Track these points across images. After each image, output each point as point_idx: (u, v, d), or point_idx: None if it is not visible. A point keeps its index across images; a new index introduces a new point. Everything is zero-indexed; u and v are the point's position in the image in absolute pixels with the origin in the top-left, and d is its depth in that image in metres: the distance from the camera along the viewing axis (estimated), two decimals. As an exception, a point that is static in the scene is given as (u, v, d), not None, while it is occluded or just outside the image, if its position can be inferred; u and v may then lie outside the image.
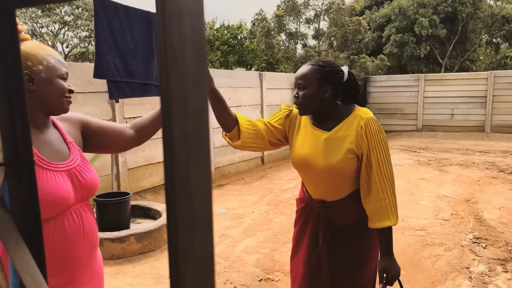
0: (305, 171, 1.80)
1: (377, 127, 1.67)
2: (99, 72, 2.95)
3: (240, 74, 7.44)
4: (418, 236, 4.32)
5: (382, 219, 1.64)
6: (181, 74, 0.33)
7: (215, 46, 24.47)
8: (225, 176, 7.08)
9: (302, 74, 1.69)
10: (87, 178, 1.36)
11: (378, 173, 1.63)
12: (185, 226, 0.34)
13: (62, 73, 1.29)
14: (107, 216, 3.83)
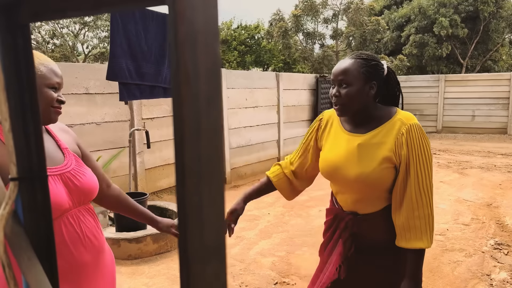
0: (334, 180, 1.64)
1: (420, 134, 1.47)
2: (112, 74, 2.98)
3: (257, 75, 7.43)
4: (438, 241, 4.24)
5: (413, 238, 1.45)
6: (194, 99, 0.31)
7: (232, 46, 24.54)
8: (241, 177, 7.08)
9: (345, 68, 1.48)
10: (83, 181, 1.36)
11: (415, 187, 1.44)
12: (196, 256, 0.32)
13: (53, 82, 1.29)
14: (124, 217, 3.86)
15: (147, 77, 3.29)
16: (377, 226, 1.57)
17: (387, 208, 1.54)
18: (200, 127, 0.32)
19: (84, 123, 4.68)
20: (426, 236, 1.44)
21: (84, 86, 4.65)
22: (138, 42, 3.14)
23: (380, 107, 1.55)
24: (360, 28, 13.53)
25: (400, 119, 1.49)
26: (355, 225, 1.58)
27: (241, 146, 7.02)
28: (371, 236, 1.58)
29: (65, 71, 4.47)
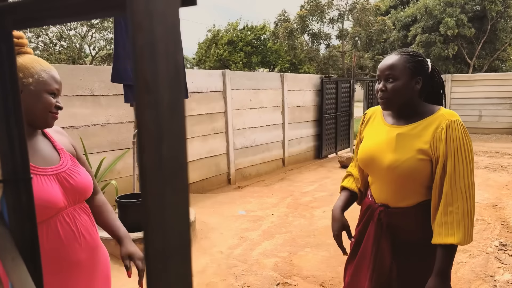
0: (369, 168, 1.66)
1: (461, 130, 1.48)
2: (117, 76, 3.01)
3: (261, 76, 7.43)
4: (441, 242, 4.22)
5: (444, 234, 1.44)
6: (155, 107, 0.33)
7: (238, 47, 24.57)
8: (245, 178, 7.10)
9: (392, 64, 1.53)
10: (78, 181, 1.41)
11: (452, 182, 1.45)
12: (158, 257, 0.34)
13: (52, 88, 1.33)
14: (128, 217, 3.89)
15: (150, 79, 3.31)
16: (409, 222, 1.57)
17: (421, 205, 1.55)
18: (162, 134, 0.34)
19: (89, 125, 4.72)
20: (459, 232, 1.42)
21: (89, 88, 4.69)
22: (141, 44, 3.16)
23: (424, 104, 1.59)
24: (366, 28, 13.48)
25: (442, 115, 1.52)
26: (386, 217, 1.60)
27: (245, 147, 7.03)
28: (404, 232, 1.58)
29: (70, 73, 4.52)
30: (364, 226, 1.72)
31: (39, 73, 1.32)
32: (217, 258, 3.81)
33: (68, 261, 1.36)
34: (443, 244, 1.44)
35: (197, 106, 6.04)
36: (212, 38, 25.59)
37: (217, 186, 6.50)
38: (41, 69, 1.33)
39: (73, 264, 1.37)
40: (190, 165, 6.01)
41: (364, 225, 1.72)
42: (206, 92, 6.19)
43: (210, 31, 26.18)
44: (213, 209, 5.23)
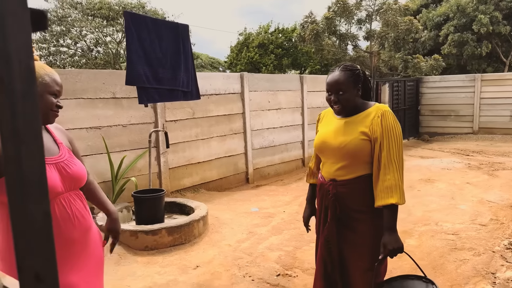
0: (322, 150, 2.05)
1: (392, 118, 1.91)
2: (130, 79, 3.28)
3: (280, 78, 7.61)
4: (448, 240, 4.24)
5: (386, 197, 1.82)
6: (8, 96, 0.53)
7: (269, 50, 24.78)
8: (264, 177, 7.28)
9: (339, 80, 1.93)
10: (74, 170, 1.63)
11: (388, 157, 1.84)
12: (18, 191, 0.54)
13: (54, 90, 1.58)
14: (143, 211, 4.18)
15: (164, 82, 3.57)
16: (354, 191, 1.96)
17: (361, 177, 1.95)
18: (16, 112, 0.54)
19: (111, 125, 5.07)
20: (397, 194, 1.82)
21: (111, 91, 5.03)
22: (153, 49, 3.43)
23: (363, 101, 2.04)
24: (394, 28, 13.35)
25: (378, 107, 1.97)
26: (334, 189, 1.98)
27: (264, 147, 7.22)
28: (349, 200, 1.97)
29: (94, 78, 4.88)
30: (320, 201, 2.13)
31: (43, 76, 1.56)
32: (225, 250, 4.02)
33: (63, 239, 1.59)
34: (386, 204, 1.83)
35: (215, 108, 6.30)
36: (244, 41, 25.93)
37: (235, 185, 6.72)
38: (44, 73, 1.58)
39: (68, 242, 1.60)
40: (208, 164, 6.27)
41: (320, 201, 2.12)
42: (224, 94, 6.43)
43: (241, 34, 26.53)
44: (228, 206, 5.46)
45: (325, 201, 2.04)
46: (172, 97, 3.68)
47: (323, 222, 2.06)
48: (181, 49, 3.56)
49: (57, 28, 18.12)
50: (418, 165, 8.52)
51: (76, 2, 18.51)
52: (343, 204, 1.98)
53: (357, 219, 1.97)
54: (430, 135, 12.08)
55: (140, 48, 3.29)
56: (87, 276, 1.68)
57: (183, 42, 3.55)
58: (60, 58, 19.37)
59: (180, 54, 3.56)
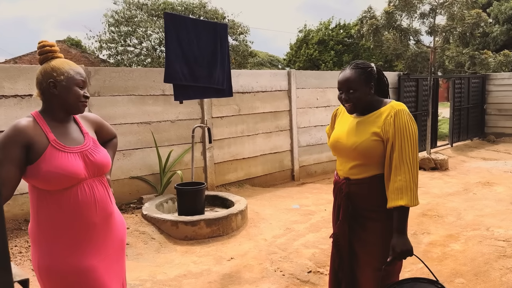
0: (336, 149, 2.06)
1: (407, 117, 1.85)
2: (168, 77, 3.46)
3: (329, 74, 7.51)
4: (498, 246, 3.99)
5: (396, 198, 1.80)
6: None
7: (329, 46, 24.44)
8: (310, 175, 7.26)
9: (350, 78, 1.92)
10: (97, 158, 1.74)
11: (399, 158, 1.81)
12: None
13: (79, 82, 1.73)
14: (184, 202, 4.38)
15: (200, 79, 3.72)
16: (366, 190, 1.94)
17: (374, 177, 1.92)
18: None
19: (160, 121, 5.34)
20: (407, 196, 1.79)
21: (161, 88, 5.30)
22: (191, 48, 3.58)
23: (377, 98, 1.99)
24: (460, 22, 12.59)
25: (391, 105, 1.92)
26: (347, 187, 1.98)
27: (311, 145, 7.19)
28: (361, 199, 1.96)
29: (145, 76, 5.17)
30: (334, 199, 2.13)
31: (68, 71, 1.72)
32: (260, 244, 4.10)
33: (85, 222, 1.72)
34: (396, 206, 1.80)
35: (261, 105, 6.38)
36: (303, 38, 25.79)
37: (280, 182, 6.77)
38: (69, 68, 1.73)
39: (89, 225, 1.73)
40: (253, 160, 6.38)
41: (334, 199, 2.13)
42: (271, 91, 6.50)
43: (301, 31, 26.40)
44: (269, 202, 5.53)
45: (338, 199, 2.05)
46: (205, 94, 3.81)
47: (336, 219, 2.08)
48: (218, 48, 3.67)
49: (124, 29, 19.21)
50: (478, 167, 8.03)
51: (142, 4, 19.49)
52: (356, 203, 1.97)
53: (369, 218, 1.96)
54: (496, 136, 11.28)
55: (179, 47, 3.45)
56: (107, 260, 1.79)
57: (220, 41, 3.66)
58: (127, 57, 20.48)
59: (217, 52, 3.67)
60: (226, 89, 3.84)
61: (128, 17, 19.08)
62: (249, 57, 22.22)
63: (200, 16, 18.56)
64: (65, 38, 25.61)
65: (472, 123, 11.05)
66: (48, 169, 1.60)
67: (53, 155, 1.63)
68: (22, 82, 4.26)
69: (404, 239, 1.82)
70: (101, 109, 4.78)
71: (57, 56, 1.76)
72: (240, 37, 20.87)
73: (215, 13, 19.82)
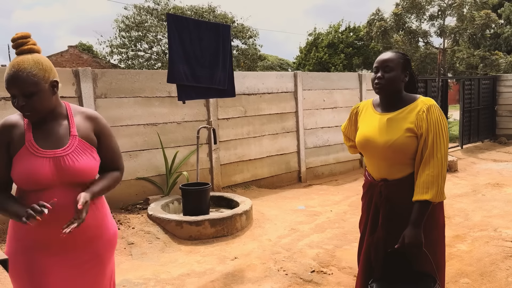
0: (367, 150, 2.02)
1: (438, 112, 1.86)
2: (171, 77, 3.50)
3: (336, 76, 7.50)
4: (505, 247, 3.93)
5: (422, 192, 1.79)
6: None
7: (339, 49, 24.40)
8: (317, 177, 7.24)
9: (389, 58, 1.91)
10: (72, 165, 1.60)
11: (431, 152, 1.81)
12: None
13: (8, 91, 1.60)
14: (189, 203, 4.41)
15: (201, 80, 3.75)
16: (405, 190, 1.89)
17: (412, 175, 1.89)
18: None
19: (167, 122, 5.39)
20: (433, 190, 1.78)
21: (167, 90, 5.35)
22: (193, 49, 3.62)
23: (406, 94, 1.98)
24: (469, 23, 12.48)
25: (422, 101, 1.91)
26: (386, 189, 1.93)
27: (317, 146, 7.18)
28: (401, 200, 1.90)
29: (151, 78, 5.23)
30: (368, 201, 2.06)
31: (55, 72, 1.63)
32: (264, 244, 4.10)
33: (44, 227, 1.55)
34: (420, 200, 1.79)
35: (267, 106, 6.40)
36: (313, 41, 25.78)
37: (287, 183, 6.77)
38: None
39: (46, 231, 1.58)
40: (259, 161, 6.39)
41: (368, 200, 2.06)
42: (277, 92, 6.51)
43: (311, 34, 26.41)
44: (275, 203, 5.53)
45: (375, 201, 1.99)
46: (207, 94, 3.85)
47: (372, 222, 2.01)
48: (221, 48, 3.71)
49: (134, 34, 19.43)
50: (488, 168, 7.92)
51: (152, 9, 19.70)
52: (395, 204, 1.93)
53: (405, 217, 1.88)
54: (508, 138, 11.13)
55: (181, 48, 3.49)
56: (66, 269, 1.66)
57: (223, 42, 3.69)
58: (138, 62, 20.70)
59: (219, 53, 3.71)
60: (228, 90, 3.86)
61: (138, 22, 19.30)
62: (258, 61, 22.30)
63: (210, 20, 18.64)
64: (77, 44, 26.01)
65: (482, 124, 10.91)
66: (17, 169, 1.58)
67: (24, 156, 1.58)
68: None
69: (417, 232, 1.81)
70: (107, 111, 4.84)
71: (37, 50, 1.62)
72: (249, 41, 20.97)
73: (224, 17, 19.93)
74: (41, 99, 1.56)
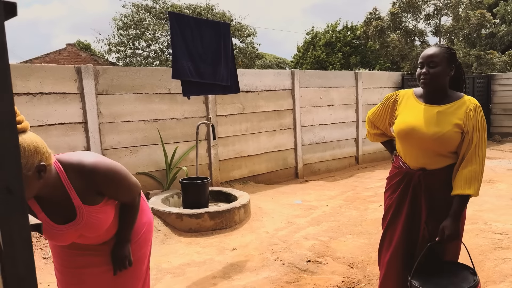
0: (409, 138, 2.03)
1: (482, 112, 1.96)
2: (176, 73, 3.62)
3: (333, 74, 7.64)
4: (494, 239, 4.07)
5: (464, 187, 1.88)
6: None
7: (336, 48, 24.55)
8: (314, 173, 7.38)
9: (434, 53, 1.95)
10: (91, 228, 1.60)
11: (475, 150, 1.90)
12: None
13: None
14: (189, 196, 4.53)
15: (205, 76, 3.87)
16: (443, 180, 1.98)
17: (450, 166, 1.98)
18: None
19: (166, 119, 5.51)
20: (475, 186, 1.88)
21: (167, 87, 5.47)
22: (195, 46, 3.75)
23: (451, 91, 2.03)
24: (464, 23, 12.65)
25: (468, 99, 1.99)
26: (426, 178, 2.00)
27: (314, 143, 7.31)
28: (440, 190, 1.98)
29: (151, 75, 5.34)
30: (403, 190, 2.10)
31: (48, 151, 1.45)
32: (262, 236, 4.23)
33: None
34: (462, 194, 1.88)
35: (265, 104, 6.53)
36: (310, 40, 25.91)
37: (284, 179, 6.90)
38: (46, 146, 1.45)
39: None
40: (257, 157, 6.51)
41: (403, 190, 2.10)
42: (275, 90, 6.64)
43: (308, 33, 26.53)
44: (272, 198, 5.66)
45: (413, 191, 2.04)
46: (211, 90, 3.97)
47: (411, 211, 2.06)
48: (222, 46, 3.83)
49: (132, 32, 19.52)
50: (482, 165, 8.07)
51: (150, 7, 19.80)
52: (434, 193, 2.00)
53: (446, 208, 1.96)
54: (502, 136, 11.30)
55: (184, 44, 3.61)
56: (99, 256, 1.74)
57: (224, 39, 3.81)
58: (136, 60, 20.80)
59: (221, 50, 3.83)
60: (232, 86, 3.98)
61: (136, 21, 19.39)
62: (256, 59, 22.43)
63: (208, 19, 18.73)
64: (75, 42, 26.03)
65: (477, 123, 11.07)
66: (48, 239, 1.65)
67: (47, 230, 1.58)
68: (33, 80, 4.45)
69: (456, 225, 1.90)
70: (109, 107, 4.96)
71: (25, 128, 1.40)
72: (247, 39, 21.11)
73: (222, 15, 20.05)
74: (27, 188, 1.36)
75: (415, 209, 2.05)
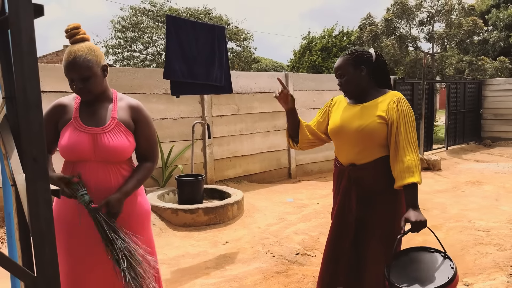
0: (339, 136, 2.11)
1: (407, 103, 2.04)
2: (167, 74, 3.79)
3: (326, 78, 7.84)
4: (476, 235, 4.26)
5: (408, 176, 1.91)
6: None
7: (332, 53, 24.82)
8: (307, 174, 7.55)
9: (339, 65, 2.09)
10: (107, 143, 1.78)
11: (405, 139, 1.96)
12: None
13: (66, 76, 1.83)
14: (184, 192, 4.69)
15: (198, 77, 4.03)
16: (373, 174, 2.05)
17: (378, 160, 2.04)
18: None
19: (163, 118, 5.67)
20: (417, 173, 1.92)
21: (164, 87, 5.63)
22: (190, 48, 3.92)
23: (376, 88, 2.13)
24: (456, 30, 12.91)
25: (392, 93, 2.08)
26: (354, 173, 2.07)
27: (307, 144, 7.49)
28: (369, 184, 2.06)
29: (149, 75, 5.50)
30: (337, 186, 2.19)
31: None
32: (254, 231, 4.39)
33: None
34: (408, 184, 1.91)
35: (259, 105, 6.71)
36: (307, 45, 26.16)
37: (277, 179, 7.08)
38: None
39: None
40: (251, 157, 6.68)
41: (337, 186, 2.19)
42: (269, 92, 6.82)
43: (305, 38, 26.78)
44: (265, 196, 5.83)
45: (344, 185, 2.10)
46: (203, 90, 4.15)
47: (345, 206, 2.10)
48: (216, 48, 4.00)
49: (130, 35, 19.68)
50: (470, 168, 8.29)
51: (148, 10, 19.98)
52: (363, 187, 2.06)
53: (379, 201, 2.05)
54: (492, 140, 11.53)
55: (178, 47, 3.77)
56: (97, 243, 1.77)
57: (218, 42, 3.99)
58: (133, 62, 20.94)
59: (215, 52, 4.00)
60: (225, 86, 4.14)
61: (134, 23, 19.56)
62: (253, 63, 22.63)
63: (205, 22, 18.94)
64: (73, 44, 26.06)
65: (468, 127, 11.31)
66: (62, 141, 1.80)
67: (69, 130, 1.80)
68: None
69: (419, 212, 1.91)
70: (107, 106, 5.12)
71: (87, 38, 1.83)
72: (243, 43, 21.32)
73: (220, 19, 20.24)
74: (95, 82, 1.77)
75: (345, 204, 2.09)
